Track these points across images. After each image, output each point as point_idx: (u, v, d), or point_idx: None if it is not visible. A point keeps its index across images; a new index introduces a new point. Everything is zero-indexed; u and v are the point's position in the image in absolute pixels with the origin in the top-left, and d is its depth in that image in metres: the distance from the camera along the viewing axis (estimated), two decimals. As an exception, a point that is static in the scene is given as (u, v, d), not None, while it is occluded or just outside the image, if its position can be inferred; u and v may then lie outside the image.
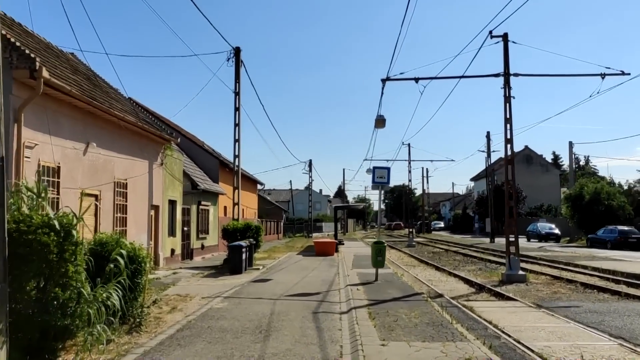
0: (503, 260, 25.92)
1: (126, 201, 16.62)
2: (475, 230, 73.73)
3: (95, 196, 14.73)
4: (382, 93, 20.64)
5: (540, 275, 19.25)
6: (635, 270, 19.20)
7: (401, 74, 19.31)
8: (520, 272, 17.73)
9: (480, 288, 15.97)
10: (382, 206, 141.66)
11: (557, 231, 47.39)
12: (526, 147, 78.64)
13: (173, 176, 21.31)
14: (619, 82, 29.48)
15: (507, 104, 18.56)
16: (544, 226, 47.75)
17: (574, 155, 51.54)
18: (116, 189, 15.96)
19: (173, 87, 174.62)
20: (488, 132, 43.97)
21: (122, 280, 7.85)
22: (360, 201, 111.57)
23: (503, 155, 55.89)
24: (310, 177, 60.31)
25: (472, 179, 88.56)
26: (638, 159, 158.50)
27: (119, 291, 7.71)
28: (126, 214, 16.59)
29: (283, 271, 19.18)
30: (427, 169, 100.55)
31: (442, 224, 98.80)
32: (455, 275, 19.49)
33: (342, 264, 22.20)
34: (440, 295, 13.68)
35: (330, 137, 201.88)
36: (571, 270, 20.44)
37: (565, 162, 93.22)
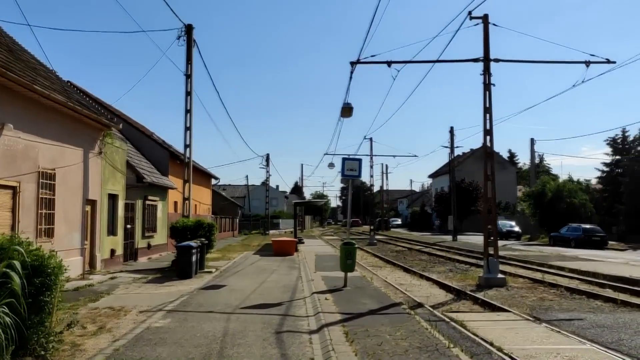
0: (472, 261, 24.71)
1: (54, 195, 14.19)
2: (436, 227, 73.30)
3: (13, 188, 12.30)
4: (351, 77, 18.55)
5: (518, 277, 17.86)
6: (613, 271, 18.08)
7: (372, 56, 17.49)
8: (500, 276, 16.27)
9: (459, 294, 14.38)
10: (339, 202, 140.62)
11: (517, 229, 46.92)
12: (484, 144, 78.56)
13: (114, 167, 18.86)
14: (603, 70, 28.34)
15: (487, 92, 17.03)
16: (505, 224, 47.17)
17: (537, 153, 51.22)
18: (41, 180, 13.52)
19: (121, 74, 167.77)
20: (451, 128, 42.90)
21: (14, 301, 5.68)
22: (318, 197, 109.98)
23: (469, 150, 54.70)
24: (268, 172, 58.14)
25: (431, 176, 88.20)
26: (587, 157, 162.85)
27: (9, 317, 5.54)
28: (54, 209, 14.15)
29: (239, 275, 17.09)
30: (387, 165, 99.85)
31: (399, 221, 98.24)
32: (428, 278, 17.88)
33: (304, 265, 20.28)
34: (421, 305, 11.93)
35: (288, 132, 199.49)
36: (548, 272, 19.17)
37: (520, 159, 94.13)
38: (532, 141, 49.07)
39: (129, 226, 20.69)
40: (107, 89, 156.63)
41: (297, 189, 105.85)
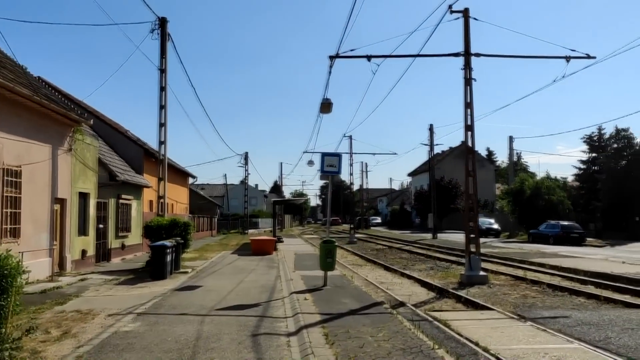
0: (453, 258, 24.53)
1: (20, 193, 13.53)
2: (416, 225, 73.45)
3: (-26, 186, 11.65)
4: (330, 72, 18.12)
5: (500, 275, 17.68)
6: (593, 267, 18.02)
7: (352, 50, 17.11)
8: (482, 273, 16.05)
9: (441, 292, 14.10)
10: (319, 201, 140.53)
11: (496, 226, 47.09)
12: (462, 142, 78.98)
13: (85, 165, 18.19)
14: (584, 65, 28.12)
15: (468, 87, 16.80)
16: (484, 221, 47.25)
17: (514, 151, 51.45)
18: (5, 178, 12.87)
19: (95, 71, 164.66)
20: (431, 125, 42.86)
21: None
22: (297, 196, 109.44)
23: (448, 148, 54.82)
24: (246, 170, 57.51)
25: (410, 174, 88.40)
26: (564, 155, 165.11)
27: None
28: (19, 208, 13.50)
29: (215, 275, 16.59)
30: (366, 163, 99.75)
31: (379, 220, 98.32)
32: (409, 277, 17.59)
33: (283, 264, 19.85)
34: (402, 304, 11.60)
35: (267, 130, 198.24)
36: (529, 269, 19.06)
37: (499, 157, 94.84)
38: (511, 139, 49.37)
39: (101, 226, 20.02)
40: (81, 86, 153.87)
41: (277, 188, 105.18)
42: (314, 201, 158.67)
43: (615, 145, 44.94)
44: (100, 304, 10.95)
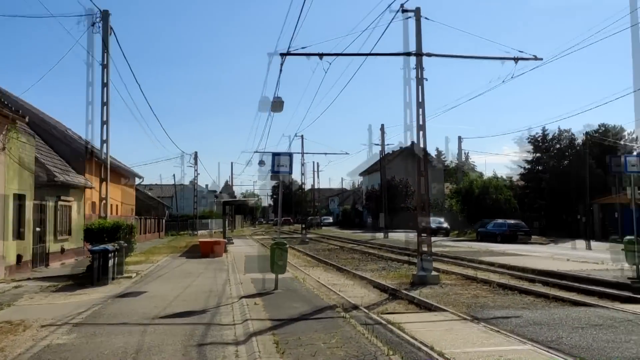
0: (405, 258, 24.57)
1: (-56, 195, 12.50)
2: (367, 225, 73.87)
3: None
4: (281, 70, 17.75)
5: (451, 274, 17.75)
6: (540, 265, 18.33)
7: (303, 48, 16.79)
8: (433, 273, 16.04)
9: (393, 293, 13.95)
10: (270, 201, 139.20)
11: (446, 225, 47.79)
12: (413, 142, 79.91)
13: (21, 165, 17.13)
14: (531, 67, 28.63)
15: (420, 87, 16.77)
16: (434, 220, 47.79)
17: (463, 151, 52.40)
18: None
19: (31, 67, 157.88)
20: (382, 125, 43.17)
21: None
22: (249, 196, 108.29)
23: (398, 148, 54.99)
24: (196, 170, 56.32)
25: (362, 174, 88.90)
26: (509, 155, 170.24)
27: None
28: (-56, 211, 12.47)
29: (161, 279, 15.91)
30: (318, 163, 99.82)
31: (331, 219, 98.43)
32: (361, 277, 17.41)
33: (233, 267, 19.32)
34: (356, 307, 11.35)
35: (217, 130, 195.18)
36: (479, 268, 19.26)
37: (448, 158, 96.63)
38: (460, 139, 50.27)
39: (38, 229, 18.92)
40: (17, 82, 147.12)
41: (228, 188, 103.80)
42: (266, 201, 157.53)
43: (558, 146, 46.47)
44: (34, 313, 10.20)
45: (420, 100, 16.75)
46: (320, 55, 16.82)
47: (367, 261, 24.04)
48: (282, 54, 16.80)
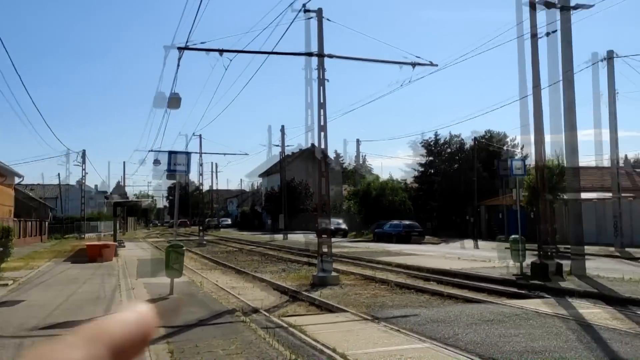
0: (304, 259, 24.55)
1: None
2: (267, 226, 73.53)
3: None
4: (178, 65, 16.95)
5: (350, 275, 17.92)
6: (434, 265, 19.04)
7: (202, 43, 16.17)
8: (333, 274, 16.05)
9: (294, 294, 13.77)
10: (166, 203, 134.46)
11: (344, 226, 48.61)
12: (312, 144, 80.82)
13: None
14: (427, 72, 29.67)
15: (321, 87, 16.74)
16: (333, 221, 48.25)
17: (361, 153, 53.68)
18: None
19: None
20: (282, 126, 43.05)
21: None
22: (142, 197, 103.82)
23: (298, 150, 55.07)
24: (84, 169, 52.90)
25: (261, 175, 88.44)
26: (403, 158, 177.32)
27: None
28: None
29: (42, 286, 14.57)
30: (217, 163, 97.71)
31: (229, 221, 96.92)
32: (261, 280, 17.08)
33: (124, 271, 18.20)
34: (256, 310, 11.01)
35: (108, 128, 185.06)
36: (377, 268, 19.63)
37: (346, 160, 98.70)
38: (358, 142, 51.51)
39: None
40: None
41: (119, 189, 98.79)
42: (161, 203, 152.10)
43: (448, 150, 48.98)
44: None
45: (321, 101, 16.74)
46: (220, 51, 16.31)
47: (267, 263, 23.74)
48: (179, 48, 16.15)
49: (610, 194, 27.91)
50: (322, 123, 16.74)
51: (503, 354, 7.35)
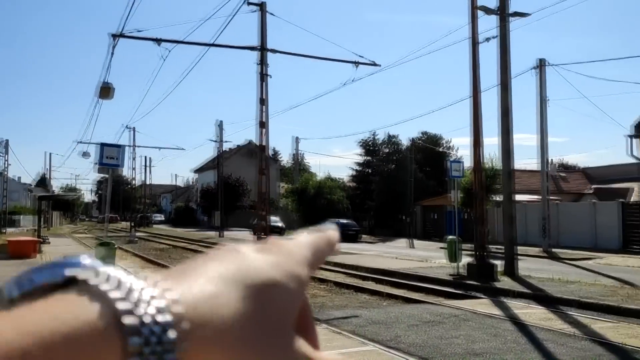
0: (241, 257, 24.08)
1: None
2: (201, 223, 72.19)
3: None
4: (112, 53, 16.04)
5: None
6: (371, 264, 19.13)
7: (139, 31, 15.44)
8: (272, 273, 15.77)
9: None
10: (94, 197, 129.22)
11: (281, 224, 48.30)
12: (250, 141, 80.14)
13: None
14: (370, 72, 29.91)
15: (263, 83, 16.38)
16: (269, 219, 48.24)
17: (300, 152, 53.49)
18: None
19: None
20: (220, 122, 42.24)
21: None
22: (69, 191, 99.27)
23: (235, 146, 54.11)
24: (7, 161, 49.84)
25: (196, 171, 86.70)
26: (342, 157, 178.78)
27: None
28: None
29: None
30: (150, 158, 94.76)
31: (162, 217, 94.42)
32: (196, 279, 16.52)
33: (49, 270, 17.09)
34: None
35: (33, 118, 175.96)
36: (315, 267, 19.48)
37: (283, 158, 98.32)
38: (297, 139, 51.22)
39: None
40: None
41: (44, 181, 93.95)
42: (88, 197, 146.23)
43: (386, 150, 49.70)
44: None
45: (262, 97, 16.37)
46: (158, 40, 15.63)
47: (202, 261, 23.11)
48: (114, 35, 15.31)
49: (538, 197, 29.11)
50: (262, 119, 16.39)
51: (445, 356, 7.34)
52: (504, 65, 15.72)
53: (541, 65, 24.19)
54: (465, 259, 15.89)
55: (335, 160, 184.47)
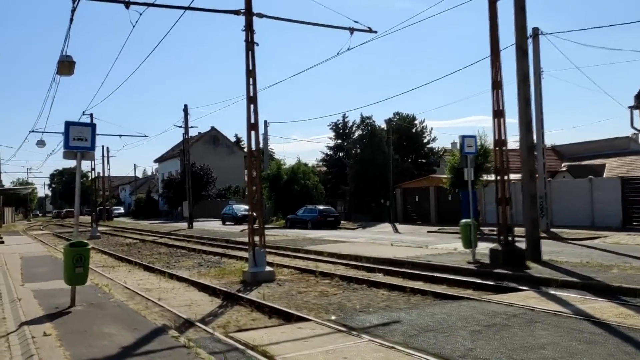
0: (220, 250, 22.10)
1: None
2: (165, 214, 69.48)
3: None
4: (72, 19, 13.69)
5: (282, 268, 15.82)
6: (370, 253, 17.52)
7: (104, -7, 13.11)
8: (268, 269, 13.91)
9: (228, 297, 11.44)
10: (48, 191, 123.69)
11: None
12: (212, 128, 77.40)
13: None
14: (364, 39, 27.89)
15: (250, 52, 14.31)
16: (239, 208, 46.08)
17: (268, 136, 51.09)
18: None
19: None
20: (185, 106, 39.59)
21: None
22: (21, 185, 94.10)
23: (197, 134, 51.36)
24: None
25: (157, 160, 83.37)
26: (311, 142, 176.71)
27: None
28: None
29: None
30: (108, 147, 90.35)
31: (122, 210, 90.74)
32: (179, 278, 14.51)
33: (5, 274, 14.79)
34: (190, 323, 8.63)
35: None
36: (308, 259, 17.79)
37: (245, 144, 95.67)
38: (266, 123, 48.84)
39: None
40: None
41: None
42: (42, 191, 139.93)
43: (360, 132, 48.01)
44: None
45: (250, 68, 14.31)
46: (127, 3, 13.38)
47: (178, 256, 21.03)
48: (74, -2, 12.97)
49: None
50: (251, 94, 14.34)
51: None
52: (519, 26, 14.14)
53: (535, 34, 22.82)
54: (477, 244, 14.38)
55: (299, 146, 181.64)
